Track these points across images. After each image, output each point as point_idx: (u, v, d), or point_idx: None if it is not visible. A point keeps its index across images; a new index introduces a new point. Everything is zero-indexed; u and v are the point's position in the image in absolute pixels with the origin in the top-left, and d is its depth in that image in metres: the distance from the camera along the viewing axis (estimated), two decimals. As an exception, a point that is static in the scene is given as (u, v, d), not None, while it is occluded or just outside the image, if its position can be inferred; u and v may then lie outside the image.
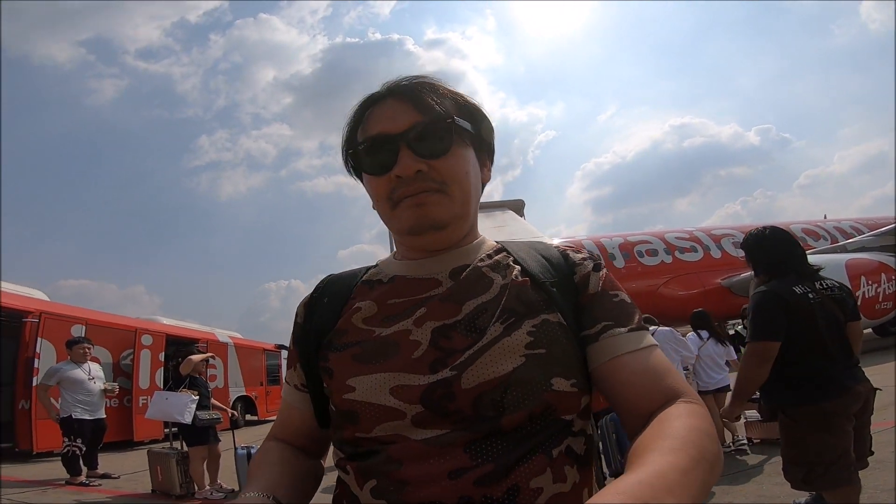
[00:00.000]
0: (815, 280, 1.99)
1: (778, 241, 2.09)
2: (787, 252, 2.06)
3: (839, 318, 1.92)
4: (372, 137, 0.62)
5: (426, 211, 0.60)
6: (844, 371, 1.87)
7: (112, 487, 4.87)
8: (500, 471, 0.50)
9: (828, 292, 1.95)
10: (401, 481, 0.52)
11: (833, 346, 1.87)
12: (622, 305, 0.62)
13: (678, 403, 0.52)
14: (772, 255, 2.07)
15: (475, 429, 0.52)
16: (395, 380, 0.56)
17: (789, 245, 2.09)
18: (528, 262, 0.65)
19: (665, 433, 0.46)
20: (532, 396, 0.54)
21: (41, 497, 4.28)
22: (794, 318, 1.87)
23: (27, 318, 6.76)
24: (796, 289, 1.92)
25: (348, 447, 0.58)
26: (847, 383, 1.84)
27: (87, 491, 4.63)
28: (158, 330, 9.14)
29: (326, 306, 0.66)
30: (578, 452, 0.55)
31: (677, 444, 0.43)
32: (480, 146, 0.67)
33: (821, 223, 15.27)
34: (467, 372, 0.54)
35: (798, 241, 2.14)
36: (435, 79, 0.66)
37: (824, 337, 1.87)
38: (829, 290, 1.97)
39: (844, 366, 1.88)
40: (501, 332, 0.56)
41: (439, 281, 0.63)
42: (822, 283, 1.99)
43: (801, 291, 1.91)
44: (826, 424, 1.80)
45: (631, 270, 12.82)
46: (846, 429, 1.81)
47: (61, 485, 4.75)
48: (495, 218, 11.20)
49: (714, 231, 14.16)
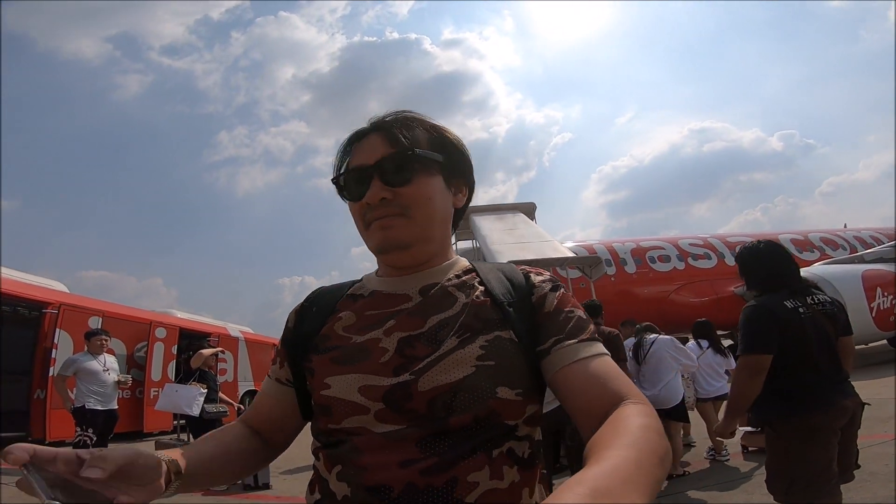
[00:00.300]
0: (808, 295, 1.99)
1: (771, 256, 2.09)
2: (780, 267, 2.06)
3: (830, 333, 1.93)
4: (350, 169, 0.73)
5: (389, 233, 0.70)
6: (833, 386, 1.88)
7: None
8: (443, 464, 0.58)
9: (819, 307, 1.96)
10: (360, 467, 0.60)
11: (822, 361, 1.88)
12: (573, 320, 0.67)
13: (626, 404, 0.56)
14: (765, 269, 2.07)
15: (427, 426, 0.60)
16: (363, 380, 0.64)
17: (782, 260, 2.09)
18: (492, 282, 0.72)
19: (617, 431, 0.50)
20: (478, 402, 0.61)
21: None
22: (785, 332, 1.87)
23: (47, 310, 6.94)
24: (787, 303, 1.93)
25: (322, 437, 0.67)
26: (833, 398, 1.85)
27: None
28: (172, 323, 9.29)
29: (315, 314, 0.75)
30: (520, 455, 0.62)
31: (629, 440, 0.48)
32: (451, 174, 0.75)
33: (840, 232, 15.03)
34: (424, 377, 0.62)
35: (791, 256, 2.14)
36: (417, 114, 0.76)
37: (814, 351, 1.87)
38: (820, 305, 1.97)
39: (833, 381, 1.89)
40: (456, 344, 0.64)
41: (410, 297, 0.71)
42: (814, 297, 1.99)
43: (791, 306, 1.92)
44: (810, 438, 1.82)
45: (642, 276, 12.70)
46: (831, 442, 1.82)
47: None
48: (506, 220, 11.23)
49: (729, 238, 13.97)
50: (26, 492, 0.47)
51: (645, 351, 4.22)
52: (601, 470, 0.42)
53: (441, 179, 0.73)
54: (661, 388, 4.03)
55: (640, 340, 4.35)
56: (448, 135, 0.76)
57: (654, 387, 4.06)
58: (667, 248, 13.25)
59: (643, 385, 4.11)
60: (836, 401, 1.84)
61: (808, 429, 1.82)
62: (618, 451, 0.45)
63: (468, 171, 0.78)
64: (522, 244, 9.02)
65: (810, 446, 1.81)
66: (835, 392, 1.86)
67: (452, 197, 0.76)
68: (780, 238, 14.14)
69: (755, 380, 1.88)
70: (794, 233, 14.76)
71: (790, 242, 14.05)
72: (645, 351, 4.22)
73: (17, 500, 3.99)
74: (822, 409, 1.82)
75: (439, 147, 0.73)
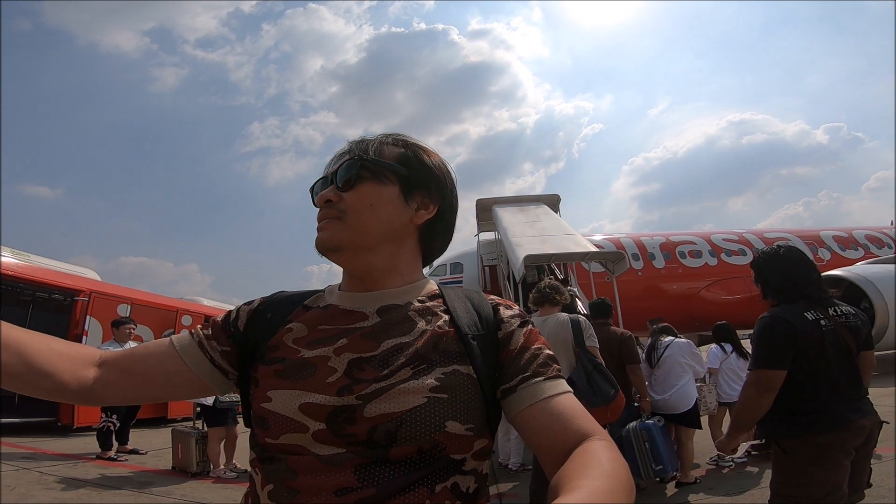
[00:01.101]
0: (830, 306, 1.82)
1: (792, 262, 1.90)
2: (800, 275, 1.87)
3: (851, 348, 1.76)
4: (321, 179, 0.75)
5: (322, 235, 0.69)
6: (849, 404, 1.72)
7: (137, 463, 5.11)
8: (381, 496, 0.55)
9: (842, 319, 1.79)
10: (293, 489, 0.57)
11: (841, 378, 1.74)
12: (539, 358, 0.66)
13: (592, 440, 0.56)
14: (783, 277, 1.89)
15: (366, 454, 0.57)
16: (305, 397, 0.61)
17: (804, 267, 1.90)
18: (459, 312, 0.69)
19: (588, 464, 0.51)
20: (423, 434, 0.58)
21: (70, 470, 4.52)
22: (803, 346, 1.72)
23: (78, 297, 7.19)
24: (808, 315, 1.76)
25: (258, 450, 0.64)
26: (849, 416, 1.69)
27: (113, 465, 4.88)
28: (198, 311, 9.54)
29: (267, 321, 0.71)
30: (464, 490, 0.61)
31: (600, 471, 0.48)
32: (413, 188, 0.72)
33: (887, 230, 14.28)
34: (372, 403, 0.59)
35: (813, 264, 1.94)
36: (403, 136, 0.76)
37: (833, 368, 1.72)
38: (843, 317, 1.80)
39: (850, 398, 1.73)
40: (410, 375, 0.61)
41: (367, 315, 0.68)
42: (836, 309, 1.82)
43: (812, 318, 1.75)
44: (818, 458, 1.68)
45: (671, 271, 12.28)
46: (842, 464, 1.67)
47: (92, 459, 5.03)
48: (528, 213, 10.98)
49: (767, 234, 13.35)
50: None
51: (658, 354, 4.12)
52: (579, 498, 0.43)
53: (396, 190, 0.71)
54: (672, 393, 3.92)
55: (654, 342, 4.25)
56: (423, 153, 0.75)
57: (664, 392, 3.95)
58: (698, 244, 12.77)
59: (654, 389, 4.00)
60: (851, 420, 1.69)
61: (819, 449, 1.67)
62: (590, 481, 0.46)
63: (439, 188, 0.74)
64: (544, 237, 8.77)
65: (819, 467, 1.66)
66: (851, 410, 1.71)
67: (412, 212, 0.72)
68: (821, 235, 13.45)
69: (764, 397, 1.74)
70: (837, 229, 13.99)
71: (833, 240, 13.33)
72: (658, 354, 4.12)
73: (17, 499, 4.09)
74: (835, 429, 1.67)
75: (404, 161, 0.72)
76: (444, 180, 0.75)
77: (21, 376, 0.61)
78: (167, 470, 4.76)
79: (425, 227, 0.74)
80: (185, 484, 4.31)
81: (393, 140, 0.74)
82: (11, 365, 0.61)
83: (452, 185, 0.76)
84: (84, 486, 4.05)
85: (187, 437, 4.69)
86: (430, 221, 0.74)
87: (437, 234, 0.76)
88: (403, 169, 0.71)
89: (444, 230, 0.77)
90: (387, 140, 0.74)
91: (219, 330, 0.72)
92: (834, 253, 12.80)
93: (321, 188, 0.73)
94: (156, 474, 4.62)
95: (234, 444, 4.81)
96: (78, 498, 3.75)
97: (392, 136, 0.75)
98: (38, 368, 0.62)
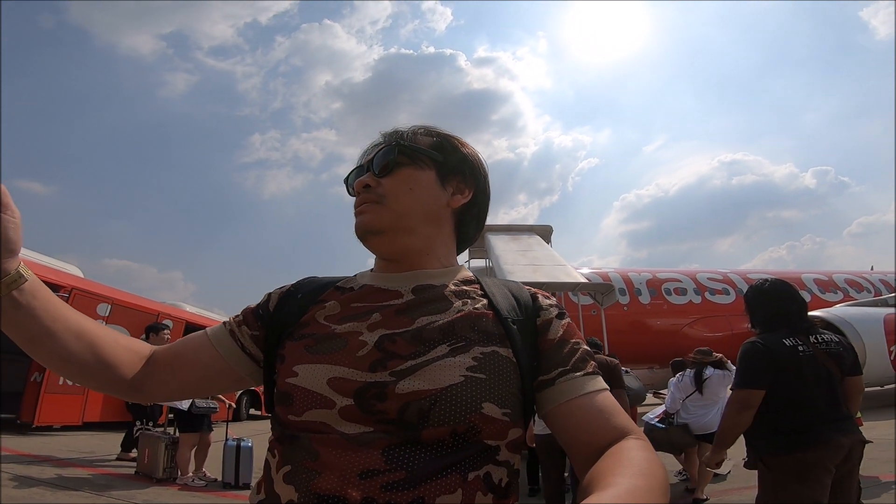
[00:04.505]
0: (811, 334, 1.99)
1: (776, 295, 2.10)
2: (782, 306, 2.07)
3: (833, 372, 1.93)
4: (355, 168, 0.76)
5: (363, 218, 0.69)
6: (829, 424, 1.85)
7: (98, 466, 4.92)
8: (410, 480, 0.52)
9: (822, 346, 1.95)
10: (313, 470, 0.54)
11: (820, 400, 1.88)
12: (578, 352, 0.65)
13: (629, 439, 0.56)
14: (768, 308, 2.09)
15: (396, 434, 0.54)
16: (334, 372, 0.58)
17: (786, 299, 2.09)
18: (497, 297, 0.68)
19: (625, 462, 0.50)
20: (458, 414, 0.55)
21: (25, 469, 4.33)
22: (780, 369, 1.89)
23: (59, 293, 7.01)
24: (786, 341, 1.94)
25: (279, 429, 0.61)
26: (828, 435, 1.82)
27: (71, 466, 4.68)
28: (179, 316, 9.34)
29: (298, 301, 0.70)
30: (496, 482, 0.57)
31: (638, 470, 0.48)
32: (448, 172, 0.73)
33: (866, 274, 14.69)
34: (405, 379, 0.57)
35: (797, 296, 2.13)
36: (430, 126, 0.77)
37: (811, 390, 1.88)
38: (824, 343, 1.97)
39: (830, 418, 1.86)
40: (447, 352, 0.59)
41: (401, 294, 0.67)
42: (817, 337, 1.99)
43: (790, 344, 1.93)
44: (798, 475, 1.80)
45: (656, 307, 12.40)
46: (822, 482, 1.78)
47: (46, 458, 4.83)
48: (521, 241, 11.11)
49: (750, 274, 13.59)
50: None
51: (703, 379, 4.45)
52: (616, 492, 0.43)
53: (433, 174, 0.71)
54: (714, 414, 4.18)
55: (699, 370, 4.54)
56: (457, 141, 0.76)
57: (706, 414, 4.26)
58: (684, 281, 12.96)
59: (694, 411, 4.33)
60: (830, 438, 1.81)
61: (799, 465, 1.80)
62: (628, 478, 0.45)
63: (473, 174, 0.75)
64: (535, 266, 8.86)
65: (799, 483, 1.78)
66: (830, 430, 1.83)
67: (448, 196, 0.72)
68: (803, 277, 13.74)
69: (743, 414, 1.91)
70: (818, 272, 14.33)
71: (813, 282, 13.62)
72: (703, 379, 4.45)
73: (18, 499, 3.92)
74: (814, 446, 1.80)
75: (439, 148, 0.73)
76: (478, 167, 0.76)
77: (89, 366, 0.62)
78: (130, 474, 4.58)
79: (461, 212, 0.74)
80: (148, 489, 4.14)
81: (425, 130, 0.75)
82: (80, 354, 0.61)
83: (486, 173, 0.77)
84: (37, 485, 3.85)
85: (156, 442, 4.53)
86: (466, 206, 0.74)
87: (472, 220, 0.77)
88: (439, 155, 0.72)
89: (478, 216, 0.77)
90: (419, 130, 0.75)
91: (250, 315, 0.72)
92: (814, 295, 13.06)
93: (356, 178, 0.73)
94: (117, 478, 4.44)
95: (206, 452, 4.67)
96: (29, 497, 3.57)
97: (424, 128, 0.76)
98: (105, 360, 0.63)
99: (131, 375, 0.65)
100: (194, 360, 0.69)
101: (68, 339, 0.60)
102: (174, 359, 0.69)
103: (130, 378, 0.65)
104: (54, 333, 0.59)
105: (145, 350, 0.69)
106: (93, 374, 0.63)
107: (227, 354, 0.69)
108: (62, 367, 0.62)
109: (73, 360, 0.61)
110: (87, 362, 0.62)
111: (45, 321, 0.59)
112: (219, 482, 4.52)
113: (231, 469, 4.45)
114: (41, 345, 0.59)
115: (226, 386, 0.72)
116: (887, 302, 9.33)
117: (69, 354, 0.61)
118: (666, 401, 4.70)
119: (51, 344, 0.60)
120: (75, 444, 5.72)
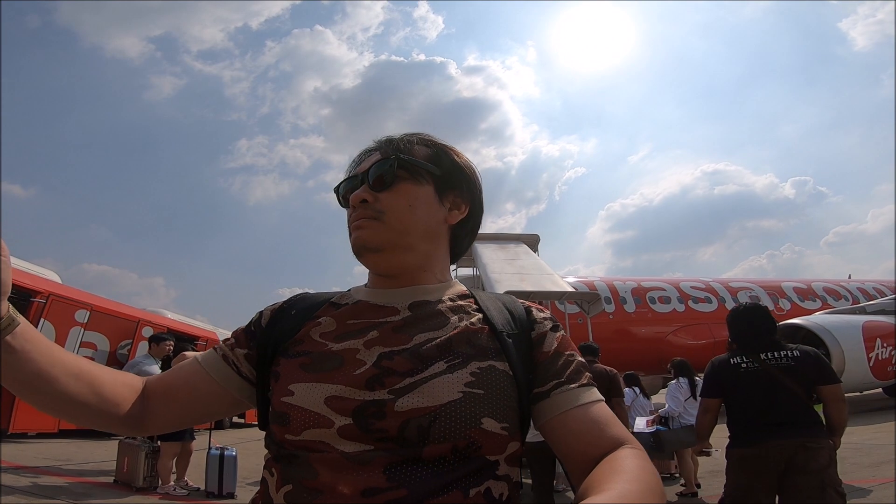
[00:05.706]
0: (768, 351, 2.35)
1: (743, 317, 2.53)
2: (741, 329, 2.50)
3: (781, 384, 2.26)
4: (347, 178, 0.74)
5: (360, 234, 0.68)
6: (765, 428, 2.24)
7: (75, 474, 4.77)
8: (413, 498, 0.52)
9: (772, 362, 2.32)
10: (314, 490, 0.53)
11: (763, 406, 2.27)
12: (573, 365, 0.65)
13: (624, 448, 0.57)
14: (736, 328, 2.53)
15: (397, 452, 0.54)
16: (332, 391, 0.58)
17: (744, 324, 2.51)
18: (492, 311, 0.68)
19: (619, 469, 0.51)
20: (458, 430, 0.55)
21: None
22: (725, 382, 2.42)
23: (35, 298, 6.81)
24: (732, 360, 2.42)
25: (275, 448, 0.60)
26: (759, 436, 2.24)
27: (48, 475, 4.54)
28: (160, 323, 9.14)
29: (292, 317, 0.69)
30: (497, 496, 0.57)
31: (632, 476, 0.49)
32: (446, 187, 0.72)
33: (844, 283, 15.14)
34: (404, 397, 0.57)
35: (755, 320, 2.49)
36: (429, 135, 0.76)
37: (751, 399, 2.31)
38: (775, 359, 2.33)
39: (766, 423, 2.25)
40: (444, 369, 0.59)
41: (398, 310, 0.67)
42: (769, 354, 2.34)
43: (735, 362, 2.40)
44: (738, 467, 2.30)
45: (641, 316, 12.56)
46: (756, 473, 2.21)
47: (20, 466, 4.70)
48: (508, 250, 11.18)
49: (731, 283, 13.88)
50: None
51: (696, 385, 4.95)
52: (609, 496, 0.44)
53: (431, 190, 0.71)
54: None
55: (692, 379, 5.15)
56: (453, 153, 0.75)
57: None
58: (668, 290, 13.16)
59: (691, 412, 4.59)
60: (762, 440, 2.23)
61: (738, 459, 2.31)
62: (622, 484, 0.47)
63: (470, 188, 0.75)
64: (522, 275, 8.93)
65: (736, 473, 2.31)
66: (764, 433, 2.24)
67: (446, 212, 0.72)
68: (783, 286, 14.09)
69: (705, 417, 2.53)
70: (797, 281, 14.70)
71: (793, 291, 13.96)
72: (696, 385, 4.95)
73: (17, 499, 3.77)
74: (748, 445, 2.27)
75: (436, 161, 0.72)
76: (474, 181, 0.76)
77: (91, 406, 0.60)
78: (108, 483, 4.44)
79: (457, 227, 0.74)
80: (127, 498, 4.05)
81: (419, 140, 0.74)
82: (82, 396, 0.59)
83: (480, 186, 0.77)
84: (13, 493, 3.72)
85: (136, 450, 4.42)
86: (462, 221, 0.74)
87: (467, 234, 0.77)
88: (437, 169, 0.71)
89: (472, 230, 0.77)
90: (414, 139, 0.73)
91: (241, 335, 0.71)
92: (794, 304, 13.39)
93: (348, 187, 0.72)
94: (95, 486, 4.31)
95: (188, 461, 4.58)
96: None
97: (417, 136, 0.75)
98: (106, 398, 0.61)
99: (132, 411, 0.64)
100: (189, 389, 0.67)
101: (68, 382, 0.58)
102: (168, 389, 0.68)
103: (132, 414, 0.64)
104: (54, 377, 0.57)
105: (138, 383, 0.67)
106: (96, 414, 0.61)
107: (221, 379, 0.68)
108: (65, 410, 0.59)
109: (75, 402, 0.59)
110: (90, 403, 0.60)
111: (42, 365, 0.56)
112: (202, 491, 4.43)
113: (214, 478, 4.36)
114: (39, 390, 0.57)
115: (224, 411, 0.71)
116: (865, 310, 9.60)
117: (70, 397, 0.58)
118: (667, 404, 5.03)
119: (50, 388, 0.57)
120: (51, 452, 5.54)
